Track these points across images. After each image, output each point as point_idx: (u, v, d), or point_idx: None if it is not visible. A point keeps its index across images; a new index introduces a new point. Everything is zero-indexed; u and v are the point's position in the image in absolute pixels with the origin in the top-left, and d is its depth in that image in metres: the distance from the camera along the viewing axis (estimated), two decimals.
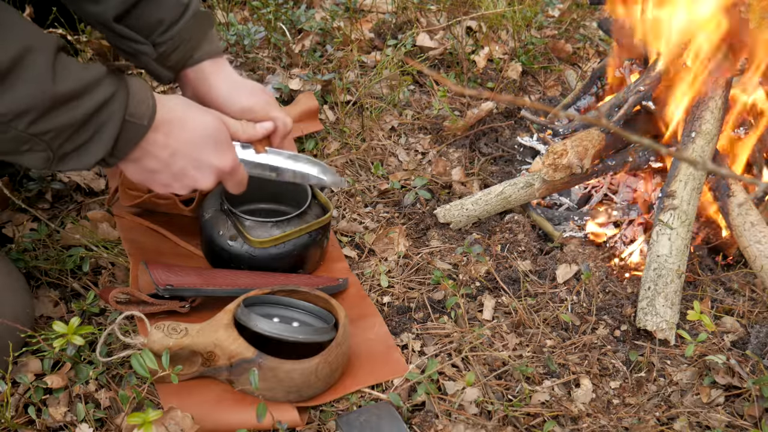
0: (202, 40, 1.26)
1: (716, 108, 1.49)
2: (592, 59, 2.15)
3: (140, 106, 1.05)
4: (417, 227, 1.55)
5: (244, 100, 1.25)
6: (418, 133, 1.81)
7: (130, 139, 1.06)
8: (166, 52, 1.24)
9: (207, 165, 1.15)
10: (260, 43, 2.00)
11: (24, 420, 1.12)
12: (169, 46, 1.24)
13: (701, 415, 1.20)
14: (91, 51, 1.82)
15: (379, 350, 1.27)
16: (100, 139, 1.02)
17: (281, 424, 1.10)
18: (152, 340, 1.12)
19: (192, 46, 1.25)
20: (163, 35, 1.23)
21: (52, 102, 0.95)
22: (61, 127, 0.98)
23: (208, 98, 1.26)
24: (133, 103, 1.04)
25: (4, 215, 1.44)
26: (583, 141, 1.51)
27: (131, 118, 1.04)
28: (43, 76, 0.94)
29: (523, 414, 1.18)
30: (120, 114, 1.02)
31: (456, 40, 2.02)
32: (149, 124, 1.06)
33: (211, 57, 1.27)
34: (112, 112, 1.01)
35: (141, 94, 1.05)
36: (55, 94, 0.95)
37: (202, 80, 1.27)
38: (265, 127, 1.24)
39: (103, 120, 1.01)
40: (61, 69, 0.96)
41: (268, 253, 1.34)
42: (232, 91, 1.26)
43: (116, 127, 1.02)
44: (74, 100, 0.97)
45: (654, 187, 1.59)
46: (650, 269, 1.36)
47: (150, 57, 1.24)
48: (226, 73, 1.28)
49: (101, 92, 1.00)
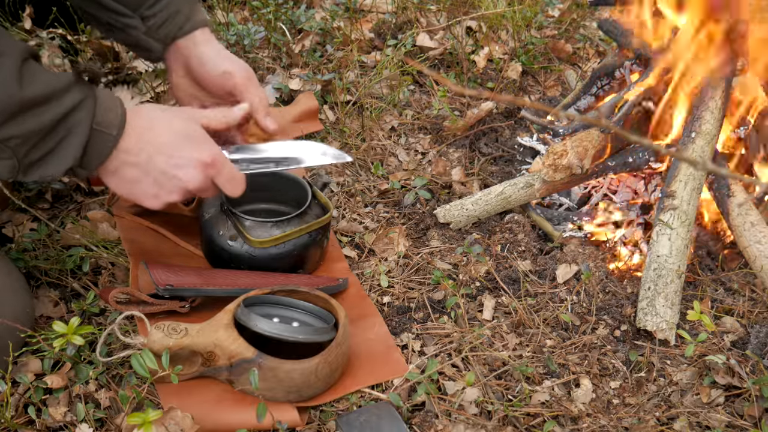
0: (190, 12, 1.28)
1: (716, 108, 1.49)
2: (592, 59, 2.15)
3: (108, 115, 1.05)
4: (417, 227, 1.55)
5: (226, 64, 1.27)
6: (418, 133, 1.81)
7: (100, 150, 1.05)
8: (155, 25, 1.26)
9: (186, 160, 1.12)
10: (260, 43, 2.00)
11: (24, 420, 1.12)
12: (158, 18, 1.25)
13: (701, 415, 1.20)
14: (91, 51, 1.82)
15: (379, 350, 1.27)
16: (67, 147, 1.02)
17: (281, 424, 1.10)
18: (152, 340, 1.12)
19: (181, 18, 1.27)
20: (152, 8, 1.25)
21: (19, 107, 0.95)
22: (27, 134, 0.97)
23: (197, 61, 1.29)
24: (100, 112, 1.04)
25: (4, 215, 1.44)
26: (583, 141, 1.51)
27: (99, 127, 1.04)
28: (9, 81, 0.94)
29: (523, 414, 1.18)
30: (87, 122, 1.02)
31: (456, 40, 2.02)
32: (119, 134, 1.06)
33: (200, 27, 1.29)
34: (79, 120, 1.01)
35: (109, 103, 1.05)
36: (22, 99, 0.95)
37: (192, 47, 1.29)
38: (243, 108, 1.25)
39: (70, 127, 1.01)
40: (29, 75, 0.96)
41: (268, 253, 1.34)
42: (215, 58, 1.28)
43: (84, 134, 1.02)
44: (41, 105, 0.97)
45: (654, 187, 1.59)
46: (650, 269, 1.36)
47: (138, 30, 1.26)
48: (213, 42, 1.30)
49: (69, 99, 1.00)
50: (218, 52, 1.29)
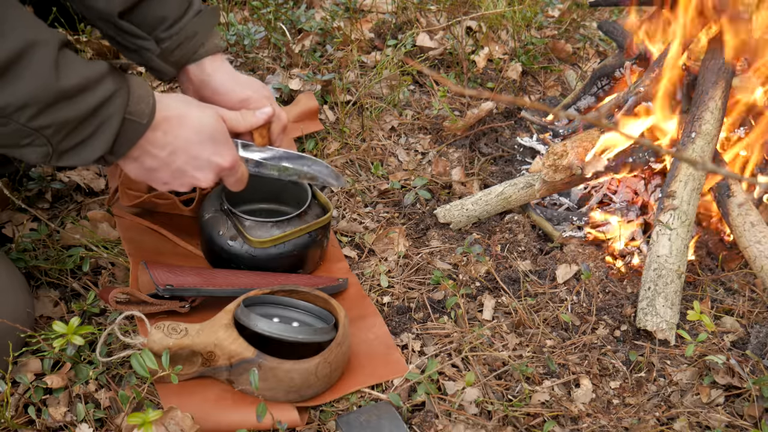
0: (205, 37, 1.27)
1: (716, 108, 1.49)
2: (592, 59, 2.15)
3: (140, 104, 1.05)
4: (417, 227, 1.55)
5: (241, 91, 1.28)
6: (418, 133, 1.81)
7: (129, 138, 1.06)
8: (168, 48, 1.25)
9: (206, 163, 1.15)
10: (260, 43, 2.00)
11: (24, 420, 1.12)
12: (172, 42, 1.25)
13: (701, 415, 1.20)
14: (91, 51, 1.82)
15: (379, 350, 1.27)
16: (100, 136, 1.02)
17: (281, 424, 1.10)
18: (152, 340, 1.12)
19: (195, 43, 1.26)
20: (167, 31, 1.24)
21: (55, 97, 0.96)
22: (62, 123, 0.98)
23: (208, 92, 1.29)
24: (133, 101, 1.04)
25: (4, 215, 1.44)
26: (583, 142, 1.51)
27: (131, 116, 1.04)
28: (46, 71, 0.94)
29: (523, 414, 1.18)
30: (120, 112, 1.03)
31: (456, 40, 2.02)
32: (148, 123, 1.07)
33: (212, 53, 1.29)
34: (113, 110, 1.02)
35: (141, 92, 1.06)
36: (58, 90, 0.96)
37: (204, 75, 1.29)
38: (266, 113, 1.25)
39: (104, 117, 1.01)
40: (64, 65, 0.97)
41: (268, 253, 1.34)
42: (230, 84, 1.28)
43: (117, 124, 1.03)
44: (76, 96, 0.98)
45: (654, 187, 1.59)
46: (650, 269, 1.36)
47: (153, 53, 1.26)
48: (225, 69, 1.30)
49: (103, 89, 1.00)
50: (230, 79, 1.29)
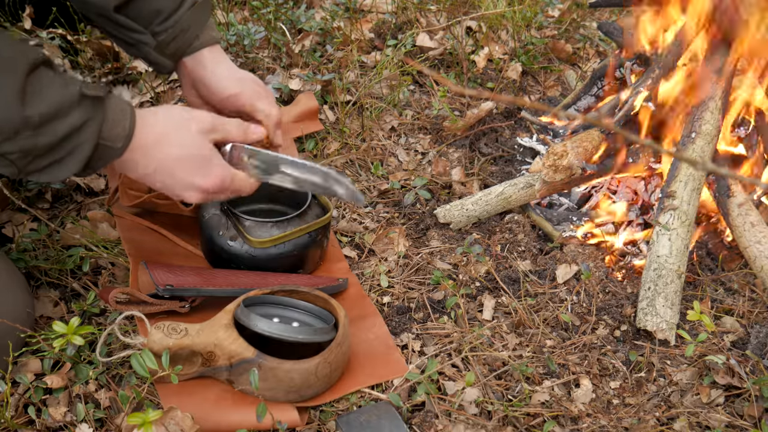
0: (200, 29, 1.27)
1: (716, 108, 1.49)
2: (592, 59, 2.15)
3: (115, 129, 1.03)
4: (417, 227, 1.55)
5: (231, 88, 1.27)
6: (418, 133, 1.81)
7: (104, 159, 1.05)
8: (164, 41, 1.26)
9: (189, 185, 1.12)
10: (260, 43, 2.00)
11: (24, 420, 1.12)
12: (168, 35, 1.25)
13: (701, 415, 1.20)
14: (91, 51, 1.82)
15: (379, 350, 1.27)
16: (71, 160, 1.01)
17: (281, 424, 1.10)
18: (152, 340, 1.12)
19: (191, 35, 1.27)
20: (162, 24, 1.25)
21: (19, 127, 0.94)
22: (28, 150, 0.96)
23: (203, 85, 1.29)
24: (107, 127, 1.02)
25: (4, 215, 1.44)
26: (583, 142, 1.51)
27: (104, 141, 1.03)
28: (10, 100, 0.92)
29: (523, 414, 1.18)
30: (93, 138, 1.01)
31: (456, 40, 2.02)
32: (124, 147, 1.05)
33: (208, 45, 1.29)
34: (84, 137, 1.00)
35: (116, 117, 1.03)
36: (23, 119, 0.93)
37: (200, 68, 1.29)
38: (257, 133, 1.22)
39: (76, 144, 1.00)
40: (33, 92, 0.95)
41: (268, 253, 1.34)
42: (222, 80, 1.28)
43: (89, 149, 1.01)
44: (44, 125, 0.96)
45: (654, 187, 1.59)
46: (650, 269, 1.36)
47: (149, 46, 1.26)
48: (221, 62, 1.30)
49: (74, 117, 0.98)
50: (224, 74, 1.28)
